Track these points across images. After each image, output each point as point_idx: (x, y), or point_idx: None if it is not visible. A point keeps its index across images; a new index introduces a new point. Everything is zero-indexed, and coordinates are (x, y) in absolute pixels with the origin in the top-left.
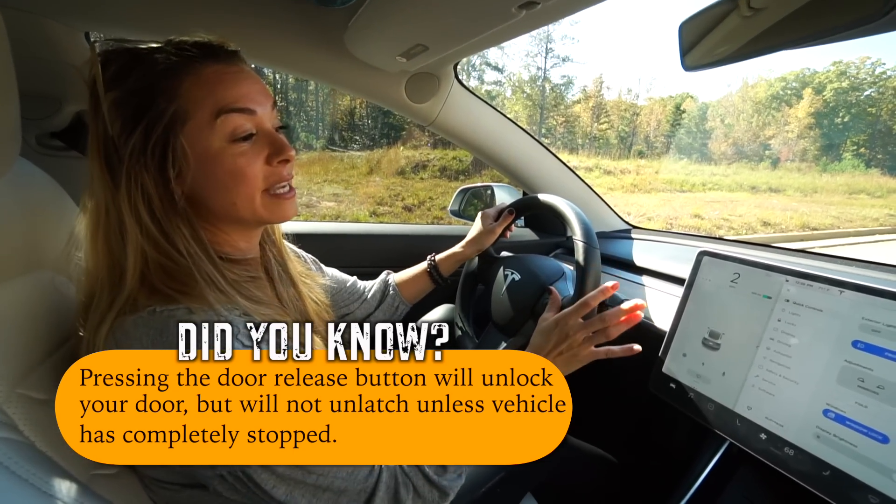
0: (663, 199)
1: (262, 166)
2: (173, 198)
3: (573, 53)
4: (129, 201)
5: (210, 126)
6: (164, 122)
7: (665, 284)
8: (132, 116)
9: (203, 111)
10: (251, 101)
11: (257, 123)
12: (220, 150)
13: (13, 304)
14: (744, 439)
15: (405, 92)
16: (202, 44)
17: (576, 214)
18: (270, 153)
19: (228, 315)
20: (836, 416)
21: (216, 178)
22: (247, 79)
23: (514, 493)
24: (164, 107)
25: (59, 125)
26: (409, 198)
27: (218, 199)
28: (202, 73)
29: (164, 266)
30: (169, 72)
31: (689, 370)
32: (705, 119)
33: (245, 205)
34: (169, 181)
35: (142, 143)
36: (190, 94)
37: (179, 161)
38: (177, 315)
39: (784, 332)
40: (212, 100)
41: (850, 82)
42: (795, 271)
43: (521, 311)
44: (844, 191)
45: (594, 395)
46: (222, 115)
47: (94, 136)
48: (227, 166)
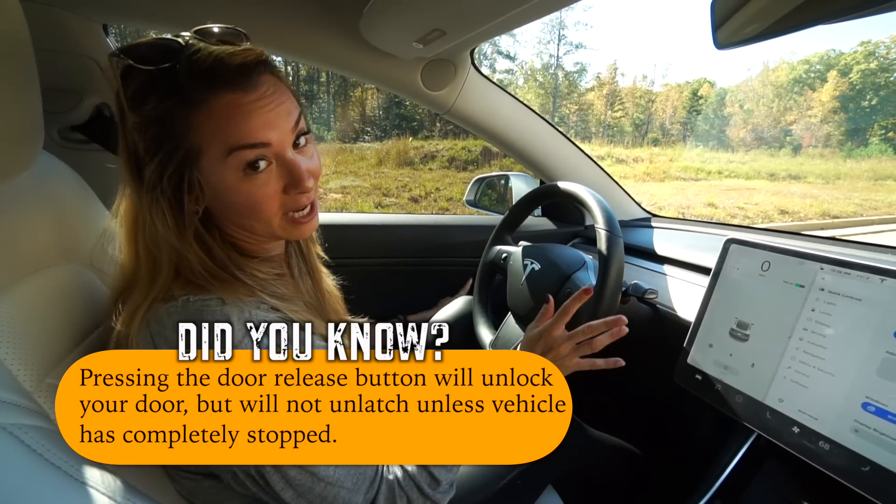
0: (676, 188)
1: (279, 195)
2: (196, 216)
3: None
4: (157, 214)
5: (223, 162)
6: (179, 157)
7: (688, 273)
8: (150, 146)
9: (216, 147)
10: (266, 131)
11: (274, 153)
12: (234, 184)
13: (40, 296)
14: (775, 432)
15: (421, 79)
16: (218, 65)
17: (598, 202)
18: (287, 184)
19: (255, 304)
20: (876, 410)
21: (233, 208)
22: (262, 108)
23: (535, 485)
24: (177, 142)
25: (79, 118)
26: (416, 189)
27: (235, 222)
28: (214, 108)
29: (198, 263)
30: (183, 105)
31: (716, 361)
32: (723, 105)
33: (263, 228)
34: (185, 206)
35: (158, 173)
36: (203, 130)
37: (196, 192)
38: (210, 305)
39: (818, 323)
40: (223, 136)
41: (878, 63)
42: (831, 259)
43: (542, 301)
44: (870, 177)
45: (615, 387)
46: (234, 152)
47: (122, 144)
48: (243, 199)
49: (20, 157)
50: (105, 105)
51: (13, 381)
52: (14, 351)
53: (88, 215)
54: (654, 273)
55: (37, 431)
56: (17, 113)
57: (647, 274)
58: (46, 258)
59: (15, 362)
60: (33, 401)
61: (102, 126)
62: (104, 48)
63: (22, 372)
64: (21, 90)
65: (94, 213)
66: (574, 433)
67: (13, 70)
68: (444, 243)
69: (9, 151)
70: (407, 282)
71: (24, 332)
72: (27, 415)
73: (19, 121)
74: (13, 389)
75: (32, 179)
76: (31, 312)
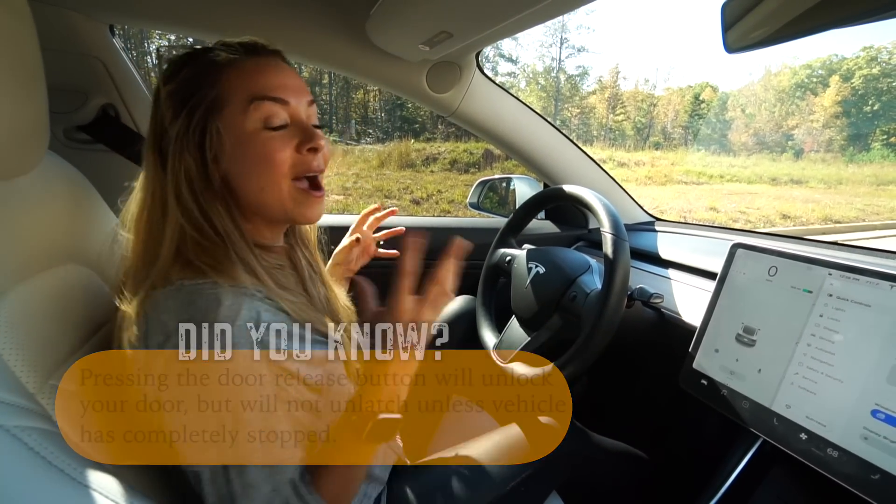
0: (678, 192)
1: (292, 153)
2: (211, 179)
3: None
4: (174, 182)
5: (244, 111)
6: (204, 107)
7: (693, 278)
8: (180, 103)
9: (238, 98)
10: (285, 91)
11: (291, 114)
12: (252, 134)
13: (44, 297)
14: (781, 439)
15: (426, 81)
16: (247, 43)
17: (604, 206)
18: (300, 141)
19: (251, 291)
20: (886, 417)
21: (247, 160)
22: (283, 71)
23: (539, 492)
24: (205, 94)
25: (85, 118)
26: (417, 191)
27: (248, 183)
28: (242, 66)
29: (200, 243)
30: (214, 65)
31: (722, 366)
32: (725, 109)
33: (272, 190)
34: (207, 163)
35: (185, 125)
36: (229, 84)
37: (215, 143)
38: (204, 288)
39: (827, 329)
40: (247, 88)
41: (881, 68)
42: (840, 264)
43: (547, 304)
44: (872, 182)
45: (620, 391)
46: (255, 101)
47: (151, 128)
48: (258, 149)
49: (26, 157)
50: (110, 105)
51: (16, 383)
52: (17, 352)
53: (93, 216)
54: (659, 277)
55: (39, 433)
56: (24, 113)
57: (651, 278)
58: (51, 258)
59: (18, 363)
60: (36, 403)
61: (107, 126)
62: (110, 48)
63: (25, 373)
64: (28, 90)
65: (98, 213)
66: (578, 440)
67: (20, 70)
68: (447, 246)
69: (15, 151)
70: None
71: (27, 333)
72: (30, 417)
73: (26, 121)
74: (16, 391)
75: (38, 179)
76: (35, 313)
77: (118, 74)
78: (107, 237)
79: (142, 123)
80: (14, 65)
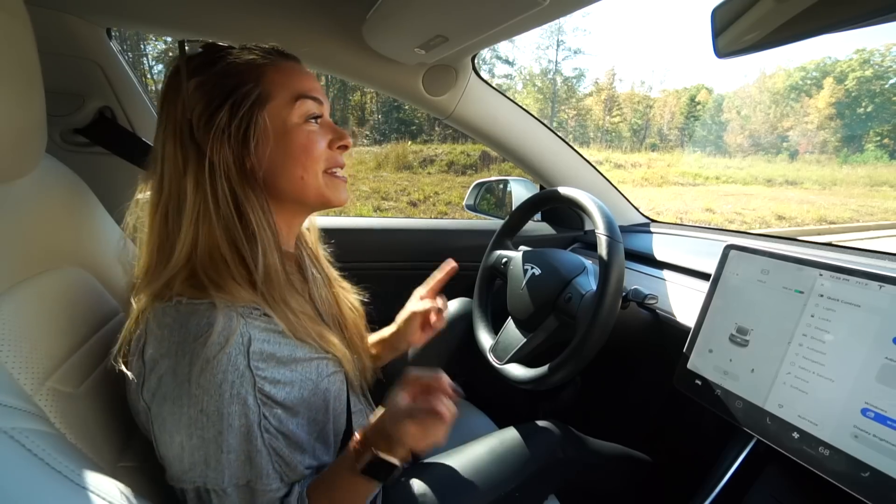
0: (674, 193)
1: (325, 149)
2: (248, 171)
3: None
4: (210, 174)
5: (290, 106)
6: (251, 100)
7: (687, 279)
8: (219, 95)
9: (284, 93)
10: (319, 92)
11: (323, 115)
12: (295, 126)
13: (41, 300)
14: (774, 438)
15: (422, 84)
16: (275, 47)
17: (598, 208)
18: (333, 138)
19: (248, 311)
20: (876, 416)
21: (289, 150)
22: (312, 76)
23: (535, 496)
24: (249, 88)
25: (82, 121)
26: (414, 193)
27: (288, 171)
28: (282, 66)
29: (214, 247)
30: (252, 62)
31: (716, 367)
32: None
33: (311, 179)
34: (248, 155)
35: (228, 118)
36: (273, 80)
37: (260, 135)
38: (200, 308)
39: (818, 329)
40: (291, 86)
41: (873, 70)
42: (830, 265)
43: (542, 306)
44: (866, 183)
45: (615, 392)
46: (300, 98)
47: (171, 120)
48: (301, 140)
49: (23, 161)
50: (107, 108)
51: (14, 385)
52: (15, 354)
53: (90, 218)
54: (654, 278)
55: (37, 435)
56: (21, 116)
57: (646, 279)
58: (47, 261)
59: (16, 366)
60: (34, 404)
61: (105, 129)
62: (107, 52)
63: (23, 375)
64: (25, 93)
65: (95, 216)
66: (573, 445)
67: (18, 73)
68: (444, 248)
69: (12, 154)
70: (406, 286)
71: (24, 336)
72: (28, 419)
73: (23, 124)
74: (14, 393)
75: (35, 182)
76: (32, 315)
77: (115, 77)
78: (103, 239)
79: (139, 126)
80: (11, 68)
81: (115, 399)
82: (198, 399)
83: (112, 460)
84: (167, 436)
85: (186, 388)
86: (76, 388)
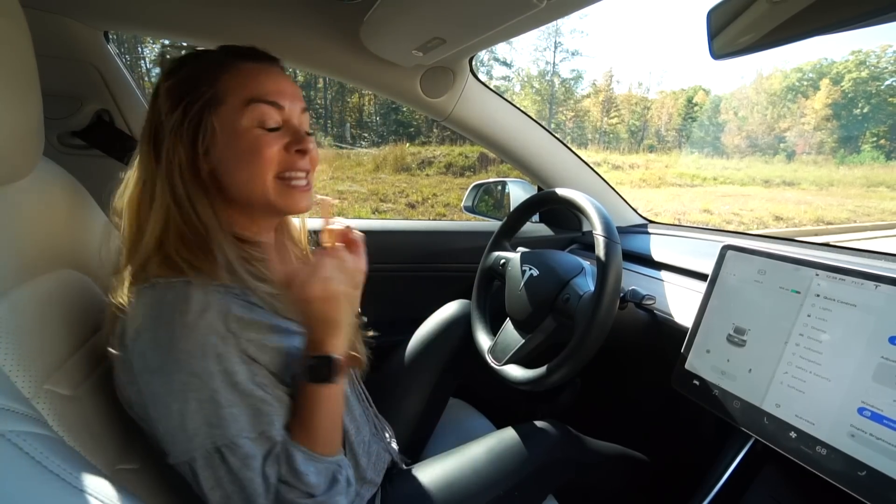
0: (672, 194)
1: (280, 151)
2: (198, 170)
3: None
4: (167, 170)
5: (240, 111)
6: (201, 102)
7: (685, 280)
8: (177, 97)
9: (236, 97)
10: (281, 97)
11: (284, 118)
12: (245, 130)
13: (38, 303)
14: (772, 437)
15: (420, 86)
16: (248, 48)
17: (596, 209)
18: (290, 141)
19: (224, 287)
20: (872, 415)
21: (236, 154)
22: (280, 78)
23: (533, 497)
24: (202, 91)
25: (79, 124)
26: (413, 194)
27: (235, 175)
28: (241, 68)
29: (182, 234)
30: (213, 65)
31: (714, 367)
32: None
33: (257, 184)
34: (198, 155)
35: (181, 118)
36: (227, 84)
37: (208, 137)
38: (175, 285)
39: (814, 328)
40: (245, 89)
41: (869, 72)
42: (826, 265)
43: (541, 306)
44: (863, 183)
45: (613, 392)
46: (252, 103)
47: (148, 121)
48: (248, 143)
49: (21, 163)
50: (105, 111)
51: (11, 388)
52: (12, 357)
53: (87, 221)
54: (651, 279)
55: (35, 438)
56: (19, 119)
57: (644, 280)
58: (45, 264)
59: (13, 368)
60: (31, 407)
61: (102, 131)
62: (105, 55)
63: (20, 378)
64: (23, 96)
65: (92, 218)
66: (572, 445)
67: (15, 76)
68: (442, 249)
69: (10, 157)
70: (404, 287)
71: (22, 338)
72: (25, 421)
73: (20, 127)
74: (11, 396)
75: (32, 185)
76: (29, 318)
77: (113, 80)
78: (101, 242)
79: (136, 128)
80: (9, 71)
81: (113, 401)
82: (184, 363)
83: (110, 463)
84: (163, 408)
85: (171, 356)
86: (74, 391)
